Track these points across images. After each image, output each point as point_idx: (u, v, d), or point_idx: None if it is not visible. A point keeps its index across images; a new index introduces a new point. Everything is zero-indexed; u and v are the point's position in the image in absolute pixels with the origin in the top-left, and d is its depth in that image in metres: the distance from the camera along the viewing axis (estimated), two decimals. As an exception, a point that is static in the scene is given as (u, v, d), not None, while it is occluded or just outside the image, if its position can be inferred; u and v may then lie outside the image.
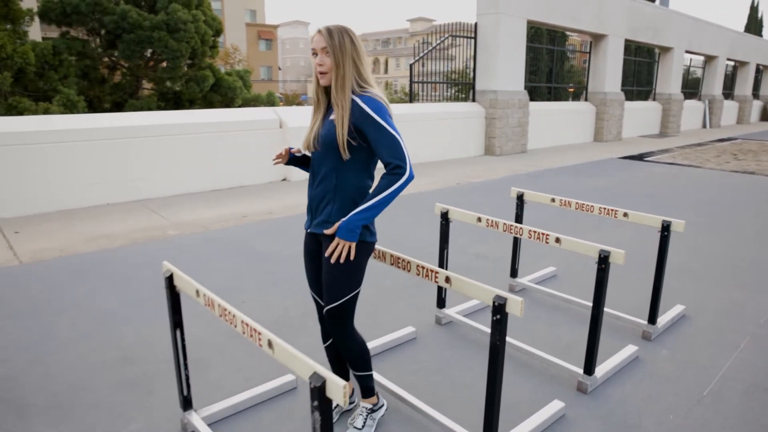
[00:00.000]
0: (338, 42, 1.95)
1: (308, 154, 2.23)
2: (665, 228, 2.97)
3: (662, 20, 16.11)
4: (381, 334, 3.07)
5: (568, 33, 16.11)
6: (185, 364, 2.18)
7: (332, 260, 1.99)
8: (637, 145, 14.12)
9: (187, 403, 2.26)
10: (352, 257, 1.99)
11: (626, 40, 14.81)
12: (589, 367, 2.56)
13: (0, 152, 5.66)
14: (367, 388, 2.26)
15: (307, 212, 2.18)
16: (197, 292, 1.89)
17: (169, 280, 2.06)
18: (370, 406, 2.28)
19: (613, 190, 7.74)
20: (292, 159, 2.27)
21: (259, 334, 1.55)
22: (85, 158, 6.22)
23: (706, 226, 5.71)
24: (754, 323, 3.36)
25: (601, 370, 2.67)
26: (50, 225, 5.48)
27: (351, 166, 2.02)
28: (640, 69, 18.93)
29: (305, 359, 1.39)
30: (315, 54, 1.99)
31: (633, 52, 17.43)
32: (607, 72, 14.25)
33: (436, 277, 2.05)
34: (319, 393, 1.31)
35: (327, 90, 2.08)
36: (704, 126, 20.82)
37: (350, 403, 2.42)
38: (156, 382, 2.65)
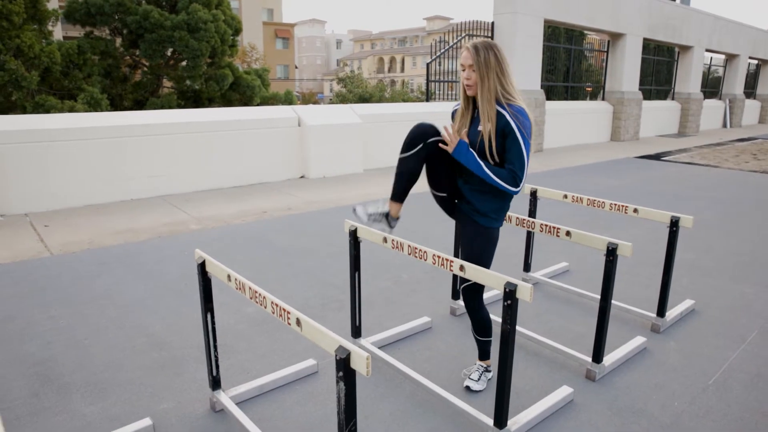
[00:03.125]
0: (483, 59, 2.22)
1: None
2: (674, 223, 3.05)
3: (681, 18, 16.00)
4: (398, 324, 3.20)
5: (585, 32, 16.05)
6: (215, 346, 2.33)
7: (444, 136, 2.33)
8: (654, 144, 14.06)
9: (215, 383, 2.41)
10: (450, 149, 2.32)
11: (645, 39, 14.74)
12: (597, 356, 2.66)
13: (29, 149, 5.89)
14: (485, 352, 2.62)
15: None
16: (228, 276, 2.03)
17: (202, 266, 2.21)
18: (485, 365, 2.65)
19: (628, 190, 7.77)
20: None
21: (288, 313, 1.69)
22: (110, 155, 6.43)
23: (721, 225, 5.74)
24: (763, 317, 3.42)
25: (610, 359, 2.77)
26: (77, 219, 5.70)
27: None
28: (659, 68, 18.76)
29: (331, 334, 1.52)
30: (463, 69, 2.25)
31: (652, 50, 17.29)
32: (625, 71, 14.22)
33: (451, 266, 2.17)
34: (344, 364, 1.44)
35: (472, 99, 2.37)
36: (725, 126, 20.60)
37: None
38: (184, 365, 2.80)
